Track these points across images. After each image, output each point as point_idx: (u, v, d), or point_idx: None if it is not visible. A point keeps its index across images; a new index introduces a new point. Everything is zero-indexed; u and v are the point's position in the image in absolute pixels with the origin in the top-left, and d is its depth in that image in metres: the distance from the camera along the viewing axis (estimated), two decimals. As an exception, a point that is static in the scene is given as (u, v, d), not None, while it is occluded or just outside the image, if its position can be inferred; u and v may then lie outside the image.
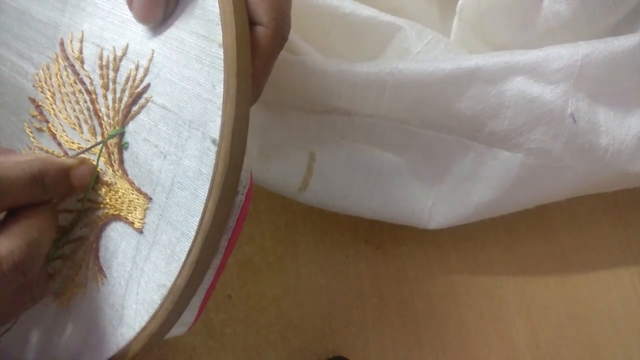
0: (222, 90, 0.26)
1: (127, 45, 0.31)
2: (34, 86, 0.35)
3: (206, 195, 0.26)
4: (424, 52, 0.39)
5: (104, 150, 0.31)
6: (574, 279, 0.45)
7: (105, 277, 0.30)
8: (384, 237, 0.46)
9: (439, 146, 0.40)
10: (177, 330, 0.30)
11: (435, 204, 0.41)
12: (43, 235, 0.27)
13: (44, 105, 0.34)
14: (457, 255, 0.46)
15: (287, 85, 0.39)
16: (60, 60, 0.33)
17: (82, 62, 0.33)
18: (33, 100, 0.35)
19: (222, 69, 0.27)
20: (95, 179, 0.31)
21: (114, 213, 0.30)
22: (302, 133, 0.41)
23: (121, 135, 0.31)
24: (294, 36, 0.38)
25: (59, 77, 0.34)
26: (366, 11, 0.40)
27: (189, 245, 0.27)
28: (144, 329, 0.28)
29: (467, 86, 0.37)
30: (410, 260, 0.45)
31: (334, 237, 0.46)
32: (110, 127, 0.31)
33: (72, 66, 0.33)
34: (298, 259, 0.46)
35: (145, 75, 0.30)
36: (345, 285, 0.45)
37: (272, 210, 0.47)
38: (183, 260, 0.27)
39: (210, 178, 0.26)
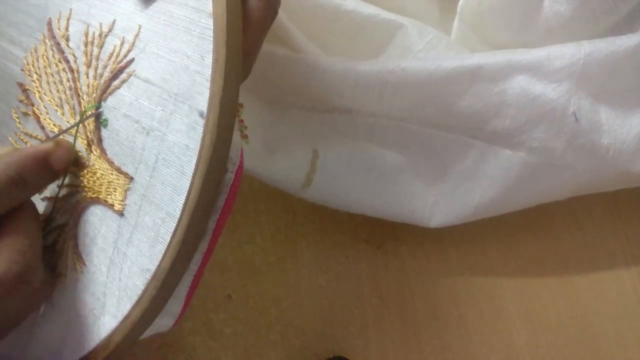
0: (211, 61, 0.25)
1: (114, 21, 0.30)
2: (22, 70, 0.33)
3: (192, 171, 0.25)
4: (425, 51, 0.39)
5: (81, 129, 0.30)
6: (574, 279, 0.45)
7: (85, 264, 0.29)
8: (384, 237, 0.46)
9: (441, 144, 0.40)
10: (163, 322, 0.28)
11: (437, 203, 0.41)
12: (32, 237, 0.26)
13: (30, 88, 0.33)
14: (457, 255, 0.45)
15: (289, 83, 0.39)
16: (47, 40, 0.32)
17: (68, 40, 0.31)
18: (21, 85, 0.34)
19: (211, 39, 0.26)
20: (74, 162, 0.30)
21: (92, 196, 0.29)
22: (305, 131, 0.41)
23: (98, 112, 0.29)
24: (295, 33, 0.38)
25: (45, 58, 0.32)
26: (368, 9, 0.40)
27: (175, 225, 0.25)
28: (126, 317, 0.26)
29: (469, 84, 0.37)
30: (410, 261, 0.45)
31: (334, 237, 0.46)
32: (88, 105, 0.30)
33: (58, 44, 0.32)
34: (298, 259, 0.45)
35: (130, 50, 0.29)
36: (345, 286, 0.45)
37: (272, 210, 0.47)
38: (168, 241, 0.25)
39: (197, 153, 0.25)
